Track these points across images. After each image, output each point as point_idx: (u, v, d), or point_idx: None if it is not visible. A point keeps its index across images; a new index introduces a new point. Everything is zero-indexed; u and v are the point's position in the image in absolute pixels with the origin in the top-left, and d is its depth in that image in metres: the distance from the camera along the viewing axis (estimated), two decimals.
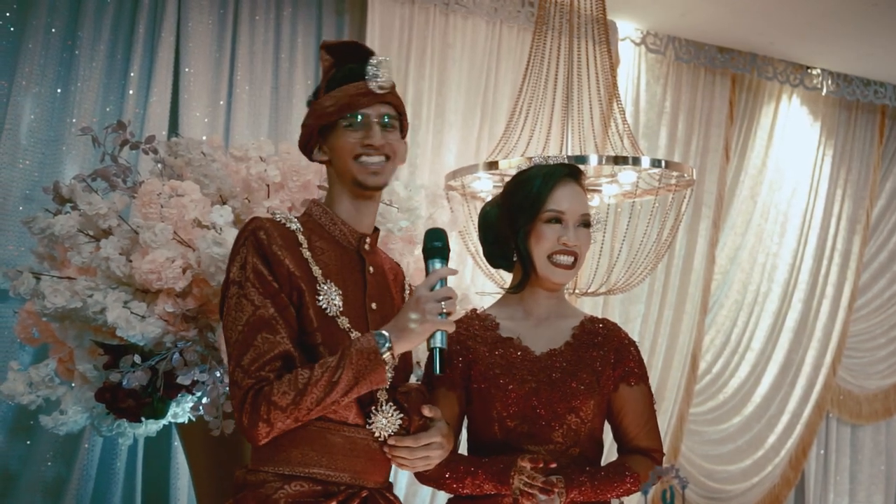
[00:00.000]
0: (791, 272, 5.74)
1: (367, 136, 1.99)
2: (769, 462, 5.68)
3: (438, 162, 4.55)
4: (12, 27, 3.81)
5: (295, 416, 1.84)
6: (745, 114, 5.59)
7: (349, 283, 2.01)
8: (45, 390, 2.98)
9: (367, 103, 2.00)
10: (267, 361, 1.86)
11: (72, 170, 3.76)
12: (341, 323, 1.95)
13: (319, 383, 1.83)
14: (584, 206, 2.26)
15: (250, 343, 1.87)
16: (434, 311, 1.87)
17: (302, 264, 1.95)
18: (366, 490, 1.97)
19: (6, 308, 3.64)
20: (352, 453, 1.94)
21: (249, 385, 1.85)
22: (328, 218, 2.05)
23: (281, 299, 1.91)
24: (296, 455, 1.92)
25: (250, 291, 1.90)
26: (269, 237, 1.93)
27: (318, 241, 2.01)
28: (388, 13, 4.47)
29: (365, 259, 2.05)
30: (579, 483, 2.12)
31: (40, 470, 3.71)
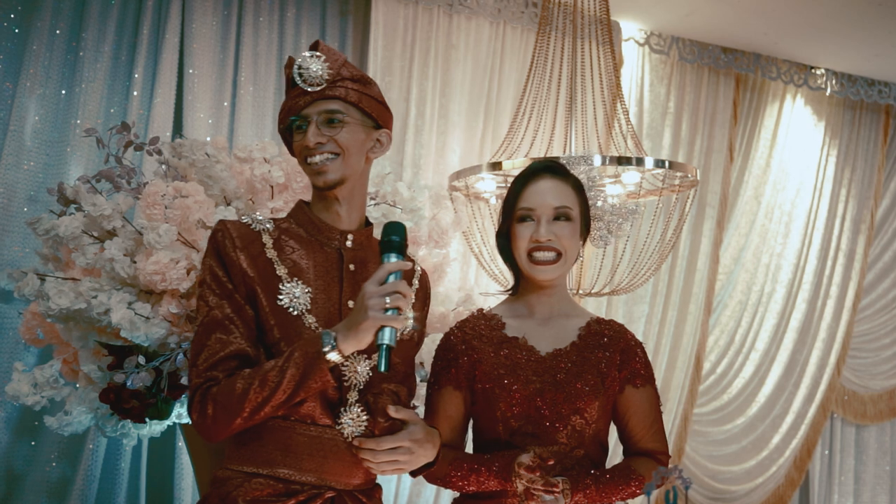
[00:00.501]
0: (795, 272, 5.74)
1: (305, 136, 1.99)
2: (773, 462, 5.68)
3: (442, 162, 4.55)
4: (17, 29, 3.82)
5: (241, 416, 1.85)
6: (749, 114, 5.59)
7: (323, 282, 1.99)
8: (49, 391, 2.99)
9: (306, 103, 1.99)
10: (219, 361, 1.88)
11: (76, 171, 3.77)
12: (307, 321, 1.94)
13: (265, 383, 1.83)
14: (558, 198, 2.22)
15: (204, 343, 1.90)
16: (378, 307, 1.81)
17: (263, 264, 1.95)
18: (332, 491, 1.94)
19: (11, 309, 3.65)
20: (318, 453, 1.92)
21: (198, 384, 1.88)
22: (305, 217, 2.05)
23: (236, 300, 1.92)
24: (261, 454, 1.92)
25: (206, 293, 1.93)
26: (226, 238, 1.96)
27: (291, 239, 2.01)
28: (391, 14, 4.48)
29: (345, 256, 2.03)
30: (584, 486, 2.11)
31: (45, 470, 3.72)
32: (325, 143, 1.97)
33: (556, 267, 2.22)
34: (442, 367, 2.27)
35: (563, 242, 2.21)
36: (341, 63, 2.02)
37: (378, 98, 2.08)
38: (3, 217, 3.67)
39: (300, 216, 2.06)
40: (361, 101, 2.02)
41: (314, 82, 1.97)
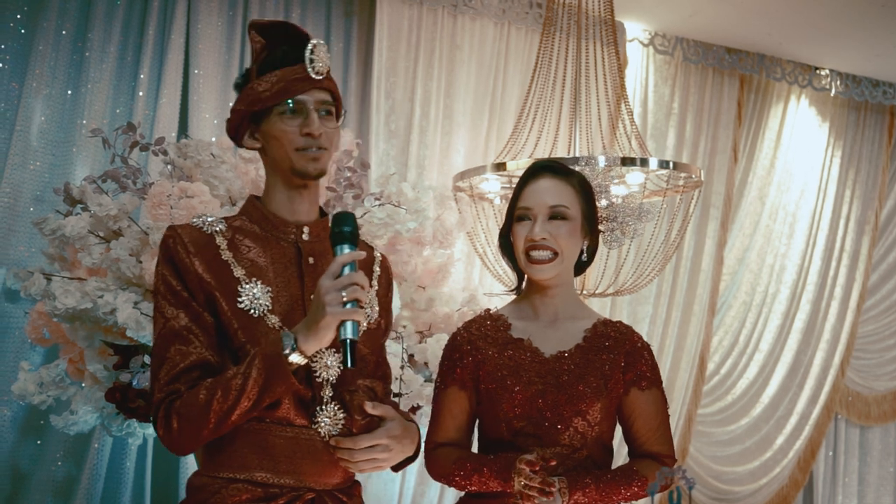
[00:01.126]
0: (799, 273, 5.73)
1: (305, 123, 1.89)
2: (777, 463, 5.67)
3: (447, 163, 4.56)
4: (23, 29, 3.83)
5: (207, 427, 1.78)
6: (753, 115, 5.59)
7: (283, 279, 1.92)
8: (55, 390, 3.01)
9: (304, 89, 1.90)
10: (180, 373, 1.81)
11: (82, 171, 3.78)
12: (270, 321, 1.87)
13: (228, 392, 1.76)
14: (555, 197, 2.21)
15: (164, 356, 1.83)
16: (335, 301, 1.74)
17: (219, 267, 1.88)
18: (312, 492, 1.88)
19: (17, 309, 3.66)
20: (296, 455, 1.87)
21: (161, 399, 1.81)
22: (259, 213, 1.96)
23: (193, 308, 1.85)
24: (237, 458, 1.86)
25: (161, 303, 1.86)
26: (178, 244, 1.88)
27: (246, 238, 1.93)
28: (396, 15, 4.48)
29: (303, 250, 1.96)
30: (583, 485, 2.10)
31: (51, 469, 3.73)
32: (322, 135, 1.91)
33: (551, 266, 2.20)
34: (447, 367, 2.28)
35: (560, 241, 2.19)
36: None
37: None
38: (10, 217, 3.68)
39: (253, 212, 1.97)
40: (339, 96, 1.98)
41: (321, 71, 1.91)
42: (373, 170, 4.18)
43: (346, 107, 4.39)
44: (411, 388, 2.98)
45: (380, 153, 4.41)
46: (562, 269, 2.23)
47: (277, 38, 1.93)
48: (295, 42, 1.91)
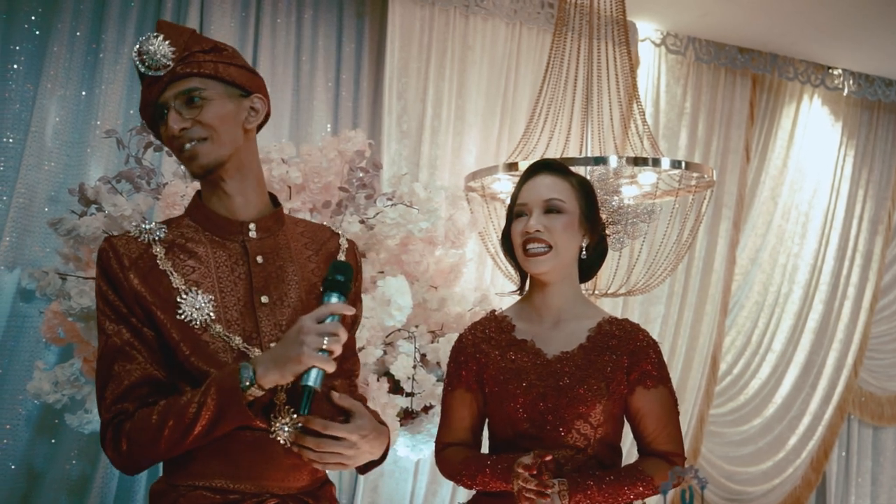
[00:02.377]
0: (812, 273, 5.71)
1: (167, 124, 1.78)
2: (790, 464, 5.65)
3: (458, 163, 4.56)
4: (38, 31, 3.85)
5: (158, 452, 1.72)
6: (765, 114, 5.57)
7: (229, 283, 1.81)
8: (70, 389, 3.03)
9: (159, 90, 1.78)
10: (125, 392, 1.74)
11: (96, 172, 3.80)
12: (214, 331, 1.77)
13: (179, 420, 1.68)
14: (551, 191, 2.21)
15: (108, 375, 1.75)
16: (314, 345, 1.64)
17: (155, 279, 1.77)
18: (275, 498, 1.79)
19: (32, 308, 3.68)
20: (257, 459, 1.77)
21: (108, 420, 1.74)
22: (201, 213, 1.86)
23: (132, 323, 1.76)
24: (196, 465, 1.77)
25: (102, 320, 1.78)
26: (112, 257, 1.78)
27: (188, 242, 1.82)
28: (408, 15, 4.49)
29: (249, 249, 1.84)
30: (584, 486, 2.08)
31: (65, 468, 3.75)
32: (190, 128, 1.77)
33: (546, 259, 2.19)
34: (453, 369, 2.28)
35: (555, 235, 2.18)
36: (187, 37, 1.81)
37: (239, 63, 1.85)
38: (25, 217, 3.70)
39: (195, 213, 1.86)
40: (219, 71, 1.80)
41: (159, 65, 1.77)
42: (385, 170, 4.19)
43: (358, 107, 4.44)
44: (423, 388, 2.99)
45: (392, 153, 4.42)
46: (557, 263, 2.21)
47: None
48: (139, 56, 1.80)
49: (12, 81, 3.79)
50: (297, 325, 1.68)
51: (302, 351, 1.65)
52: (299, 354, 1.65)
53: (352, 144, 3.20)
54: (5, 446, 3.66)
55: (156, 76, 1.78)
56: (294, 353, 1.65)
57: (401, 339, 3.07)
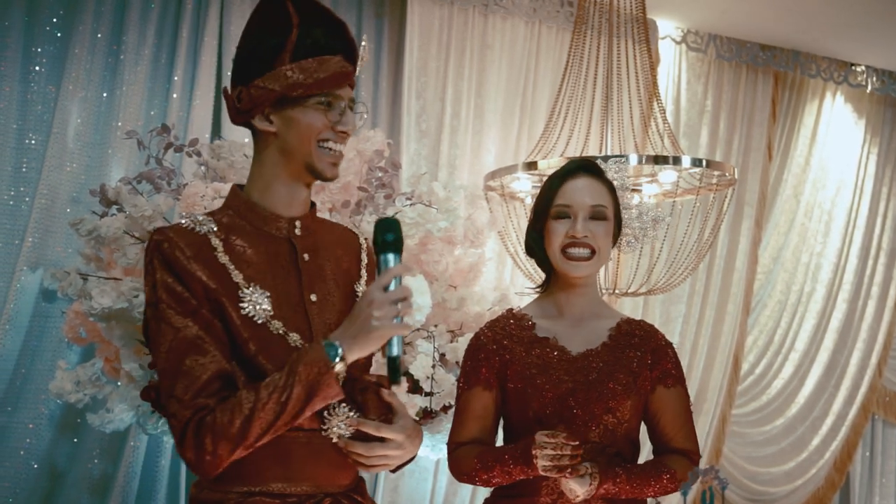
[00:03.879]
0: (836, 272, 5.67)
1: (340, 121, 1.76)
2: (813, 464, 5.61)
3: (478, 162, 4.56)
4: (59, 33, 3.88)
5: (245, 444, 1.65)
6: (788, 112, 5.53)
7: (280, 280, 1.78)
8: (91, 389, 3.05)
9: (343, 83, 1.77)
10: (202, 387, 1.65)
11: (117, 172, 3.82)
12: (274, 328, 1.73)
13: (267, 406, 1.63)
14: (595, 197, 2.23)
15: (179, 370, 1.66)
16: (389, 315, 1.65)
17: (218, 272, 1.72)
18: (329, 497, 1.78)
19: (54, 308, 3.71)
20: (311, 459, 1.76)
21: (188, 417, 1.64)
22: (250, 209, 1.80)
23: (202, 315, 1.69)
24: (251, 470, 1.73)
25: (168, 313, 1.68)
26: (175, 249, 1.70)
27: (238, 237, 1.77)
28: (427, 15, 4.49)
29: (297, 247, 1.81)
30: (615, 474, 2.10)
31: (87, 467, 3.78)
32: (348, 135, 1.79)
33: (589, 264, 2.22)
34: (472, 367, 2.27)
35: (598, 241, 2.22)
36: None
37: None
38: (47, 218, 3.73)
39: (241, 207, 1.80)
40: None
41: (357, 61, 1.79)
42: (404, 169, 4.19)
43: (377, 107, 4.45)
44: (443, 388, 2.99)
45: (411, 153, 4.42)
46: (597, 267, 2.25)
47: (313, 18, 1.76)
48: (334, 28, 1.77)
49: (34, 83, 3.82)
50: (367, 297, 1.67)
51: (381, 324, 1.65)
52: (380, 328, 1.65)
53: (371, 144, 3.21)
54: (28, 445, 3.69)
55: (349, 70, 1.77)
56: (372, 327, 1.66)
57: (420, 339, 3.07)
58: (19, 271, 3.67)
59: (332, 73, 1.74)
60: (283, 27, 1.74)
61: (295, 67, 1.72)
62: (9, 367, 3.66)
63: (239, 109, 1.79)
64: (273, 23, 1.76)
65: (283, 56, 1.73)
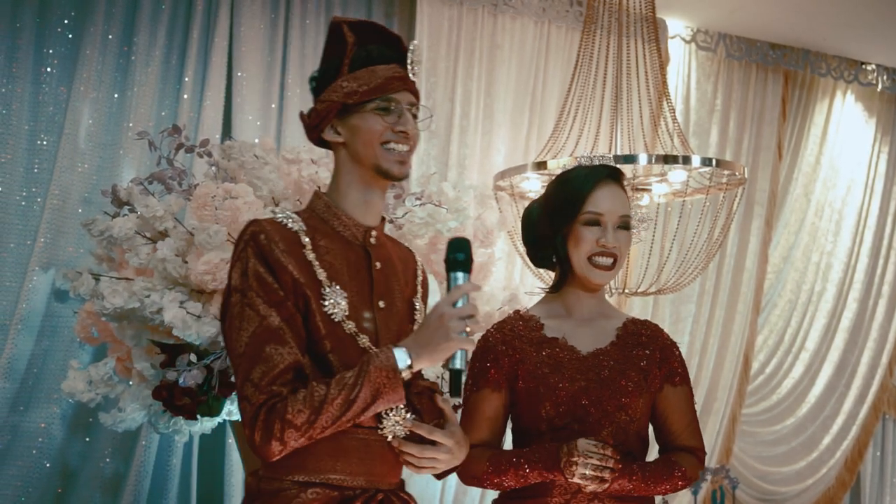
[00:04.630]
0: (846, 271, 5.65)
1: (399, 122, 1.88)
2: (824, 464, 5.60)
3: (487, 162, 4.56)
4: (70, 34, 3.90)
5: (310, 434, 1.75)
6: (798, 111, 5.52)
7: (355, 283, 1.89)
8: (104, 388, 3.05)
9: (399, 88, 1.89)
10: (278, 375, 1.75)
11: (129, 173, 3.84)
12: (347, 328, 1.84)
13: (336, 401, 1.74)
14: (623, 207, 2.24)
15: (258, 356, 1.75)
16: (457, 330, 1.76)
17: (306, 267, 1.83)
18: (381, 493, 1.89)
19: (66, 308, 3.73)
20: (367, 456, 1.86)
21: (261, 401, 1.74)
22: (332, 213, 1.92)
23: (287, 308, 1.79)
24: (311, 461, 1.82)
25: (255, 300, 1.78)
26: (271, 241, 1.81)
27: (322, 239, 1.88)
28: (436, 14, 4.49)
29: (371, 254, 1.93)
30: (631, 470, 2.11)
31: (99, 466, 3.79)
32: (414, 135, 1.91)
33: (613, 272, 2.25)
34: (480, 369, 2.26)
35: (622, 250, 2.24)
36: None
37: None
38: (59, 218, 3.75)
39: (325, 211, 1.92)
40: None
41: (416, 72, 1.92)
42: (414, 169, 4.20)
43: None
44: None
45: (420, 153, 4.42)
46: (615, 275, 2.29)
47: (368, 36, 1.90)
48: (388, 41, 1.91)
49: (46, 84, 3.84)
50: (436, 311, 1.78)
51: (450, 337, 1.76)
52: (448, 341, 1.76)
53: None
54: (40, 444, 3.71)
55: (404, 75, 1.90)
56: (441, 339, 1.77)
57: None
58: (31, 272, 3.68)
59: (384, 77, 1.87)
60: (341, 47, 1.89)
61: (350, 77, 1.87)
62: (21, 366, 3.67)
63: (309, 126, 1.95)
64: (334, 46, 1.91)
65: (341, 71, 1.88)
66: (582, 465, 2.07)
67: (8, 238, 3.74)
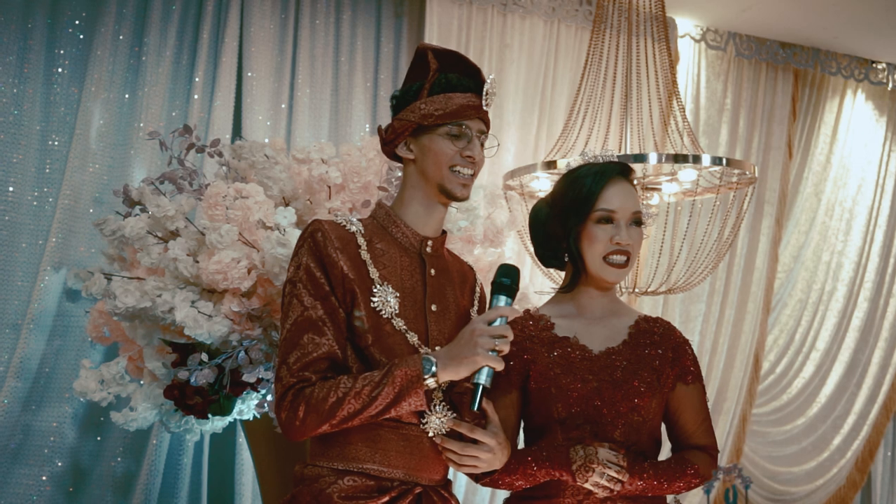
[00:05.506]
0: (857, 270, 5.64)
1: (467, 147, 2.03)
2: (834, 464, 5.58)
3: (497, 162, 4.56)
4: (82, 35, 3.92)
5: (330, 422, 1.88)
6: (808, 110, 5.50)
7: (409, 286, 2.03)
8: (115, 387, 3.07)
9: (472, 116, 2.04)
10: (311, 362, 1.90)
11: (140, 173, 3.85)
12: (397, 324, 1.98)
13: (360, 396, 1.86)
14: (635, 204, 2.24)
15: (296, 342, 1.91)
16: (487, 347, 1.88)
17: (359, 266, 1.98)
18: (420, 487, 1.98)
19: (78, 308, 3.74)
20: (406, 450, 1.97)
21: (292, 383, 1.89)
22: (391, 221, 2.07)
23: (331, 302, 1.94)
24: (350, 450, 1.95)
25: (301, 292, 1.94)
26: (326, 239, 1.97)
27: (380, 242, 2.03)
28: (446, 14, 4.50)
29: (426, 261, 2.07)
30: (642, 469, 2.11)
31: (110, 465, 3.81)
32: (479, 161, 2.05)
33: (626, 270, 2.24)
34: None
35: (634, 247, 2.23)
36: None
37: None
38: (70, 218, 3.77)
39: (385, 219, 2.08)
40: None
41: (489, 103, 2.07)
42: None
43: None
44: None
45: None
46: (629, 272, 2.30)
47: (449, 64, 2.05)
48: (467, 71, 2.06)
49: (57, 85, 3.86)
50: (471, 326, 1.91)
51: (476, 352, 1.88)
52: (474, 355, 1.88)
53: None
54: (52, 444, 3.72)
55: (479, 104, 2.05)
56: (469, 353, 1.88)
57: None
58: (43, 271, 3.70)
59: (459, 105, 2.02)
60: (424, 71, 2.05)
61: (428, 101, 2.03)
62: (33, 366, 3.69)
63: (385, 140, 2.09)
64: (418, 69, 2.07)
65: (421, 94, 2.04)
66: (598, 473, 2.08)
67: (20, 238, 3.76)
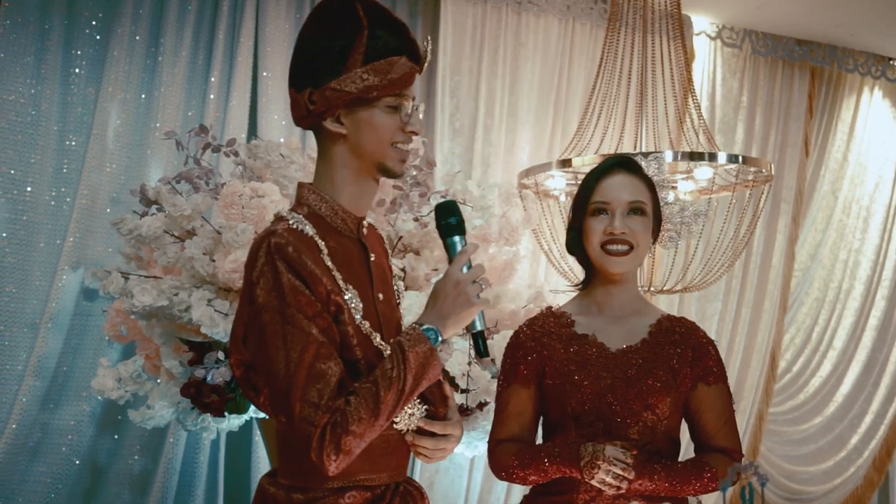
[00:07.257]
0: (874, 269, 5.60)
1: (409, 122, 1.80)
2: (852, 463, 5.55)
3: (511, 160, 4.56)
4: (98, 36, 3.94)
5: (369, 437, 1.70)
6: (825, 107, 5.47)
7: (359, 279, 1.81)
8: (132, 386, 3.09)
9: (411, 84, 1.80)
10: (334, 390, 1.67)
11: (156, 173, 3.87)
12: (364, 329, 1.78)
13: (389, 399, 1.69)
14: (632, 193, 2.23)
15: (312, 375, 1.66)
16: (474, 293, 1.75)
17: (328, 274, 1.74)
18: (400, 484, 1.89)
19: (95, 307, 3.77)
20: (387, 451, 1.83)
21: (326, 421, 1.65)
22: (328, 207, 1.82)
23: (324, 319, 1.70)
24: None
25: (296, 317, 1.68)
26: (299, 252, 1.70)
27: (330, 239, 1.79)
28: (460, 13, 4.50)
29: (367, 247, 1.87)
30: (652, 471, 2.09)
31: (127, 463, 3.83)
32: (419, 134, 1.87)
33: (628, 259, 2.22)
34: (510, 364, 2.28)
35: (637, 237, 2.22)
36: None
37: None
38: (88, 218, 3.79)
39: (322, 206, 1.82)
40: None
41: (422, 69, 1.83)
42: (438, 168, 4.21)
43: None
44: (478, 385, 2.99)
45: (445, 151, 4.44)
46: (636, 263, 2.25)
47: (377, 21, 1.77)
48: (396, 30, 1.79)
49: (74, 85, 3.88)
50: (450, 280, 1.76)
51: (471, 301, 1.75)
52: (469, 306, 1.76)
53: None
54: (70, 442, 3.75)
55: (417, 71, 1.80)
56: (464, 306, 1.75)
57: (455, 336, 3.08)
58: (61, 271, 3.73)
59: (401, 73, 1.76)
60: (352, 29, 1.75)
61: (369, 70, 1.74)
62: (51, 365, 3.72)
63: (311, 112, 1.78)
64: (341, 25, 1.76)
65: (354, 58, 1.74)
66: (604, 471, 2.06)
67: (38, 238, 3.78)
